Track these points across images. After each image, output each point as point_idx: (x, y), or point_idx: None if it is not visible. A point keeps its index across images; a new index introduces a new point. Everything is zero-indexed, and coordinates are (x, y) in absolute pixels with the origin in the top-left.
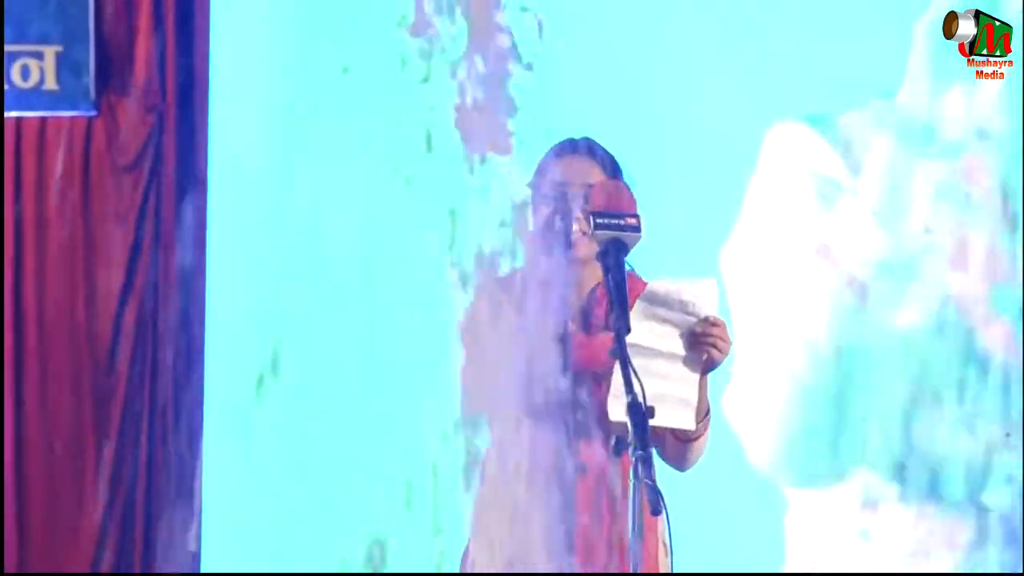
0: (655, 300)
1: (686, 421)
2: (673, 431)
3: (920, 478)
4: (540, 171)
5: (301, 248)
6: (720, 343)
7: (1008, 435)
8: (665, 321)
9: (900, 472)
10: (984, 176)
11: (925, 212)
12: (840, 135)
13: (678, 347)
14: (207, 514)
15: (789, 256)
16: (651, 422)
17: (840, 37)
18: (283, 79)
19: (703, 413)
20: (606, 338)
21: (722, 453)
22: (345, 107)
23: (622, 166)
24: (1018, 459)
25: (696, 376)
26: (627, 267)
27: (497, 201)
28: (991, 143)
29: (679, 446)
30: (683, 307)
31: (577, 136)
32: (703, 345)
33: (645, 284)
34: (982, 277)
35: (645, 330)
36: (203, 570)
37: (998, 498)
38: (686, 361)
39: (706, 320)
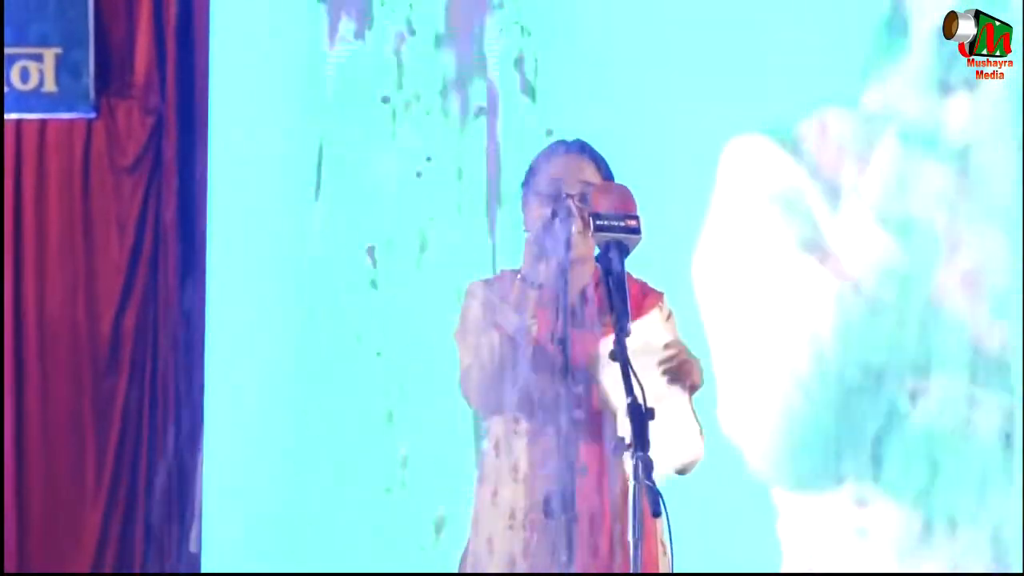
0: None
1: (696, 451)
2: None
3: (919, 476)
4: (533, 171)
5: (301, 247)
6: (685, 364)
7: (1008, 435)
8: (642, 368)
9: (894, 471)
10: (983, 177)
11: (924, 215)
12: (820, 139)
13: (662, 385)
14: (207, 514)
15: (762, 261)
16: (669, 469)
17: (826, 39)
18: (283, 79)
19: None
20: (595, 334)
21: (721, 455)
22: (345, 103)
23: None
24: (1018, 459)
25: (686, 403)
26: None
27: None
28: (991, 144)
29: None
30: (646, 347)
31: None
32: (675, 371)
33: (639, 283)
34: (982, 279)
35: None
36: (203, 570)
37: (997, 498)
38: (672, 394)
39: (664, 347)
